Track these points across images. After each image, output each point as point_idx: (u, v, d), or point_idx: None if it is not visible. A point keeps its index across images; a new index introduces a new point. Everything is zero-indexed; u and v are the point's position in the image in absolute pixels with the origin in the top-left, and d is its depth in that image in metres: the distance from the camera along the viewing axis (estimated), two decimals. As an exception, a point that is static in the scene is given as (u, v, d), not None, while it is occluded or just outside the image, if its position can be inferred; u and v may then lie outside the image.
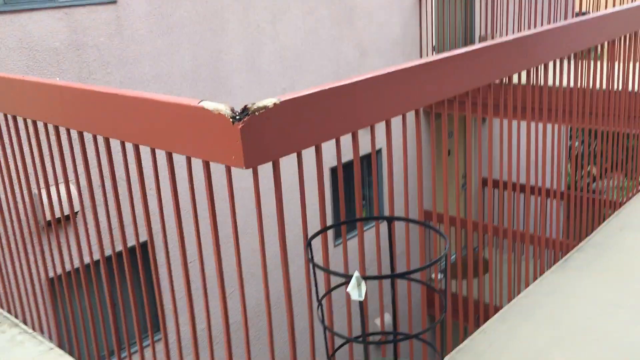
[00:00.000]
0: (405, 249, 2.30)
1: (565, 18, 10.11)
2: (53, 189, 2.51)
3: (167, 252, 2.01)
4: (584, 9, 9.86)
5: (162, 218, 1.94)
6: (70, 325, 2.77)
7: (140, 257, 2.12)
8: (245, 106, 1.57)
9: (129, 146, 1.92)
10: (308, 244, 1.79)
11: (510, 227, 3.27)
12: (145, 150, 1.87)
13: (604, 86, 3.58)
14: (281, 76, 6.45)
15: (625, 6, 3.45)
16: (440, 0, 8.33)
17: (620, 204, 3.94)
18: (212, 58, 5.80)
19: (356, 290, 1.55)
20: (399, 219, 1.89)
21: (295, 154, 1.72)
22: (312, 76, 6.75)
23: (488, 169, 2.86)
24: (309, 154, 1.88)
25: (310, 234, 1.84)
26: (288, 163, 1.84)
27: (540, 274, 3.15)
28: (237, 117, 1.55)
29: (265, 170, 1.65)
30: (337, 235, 7.15)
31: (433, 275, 8.69)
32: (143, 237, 2.06)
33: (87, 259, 2.39)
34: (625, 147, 3.95)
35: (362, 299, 1.54)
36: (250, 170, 1.61)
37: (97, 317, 2.46)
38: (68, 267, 2.61)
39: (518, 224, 3.56)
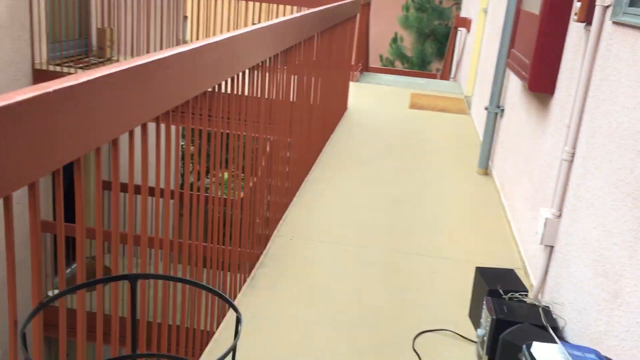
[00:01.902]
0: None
1: (177, 20, 10.19)
2: None
3: None
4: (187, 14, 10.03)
5: None
6: None
7: None
8: None
9: None
10: (22, 335, 1.13)
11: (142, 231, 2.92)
12: None
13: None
14: None
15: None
16: (51, -18, 7.33)
17: (225, 200, 3.78)
18: None
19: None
20: (146, 276, 1.37)
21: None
22: None
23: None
24: None
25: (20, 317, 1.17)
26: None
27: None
28: None
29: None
30: None
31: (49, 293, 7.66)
32: None
33: None
34: (228, 147, 3.98)
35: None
36: None
37: None
38: None
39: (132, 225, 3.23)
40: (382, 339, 2.69)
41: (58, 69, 6.79)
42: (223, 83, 2.31)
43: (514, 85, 4.45)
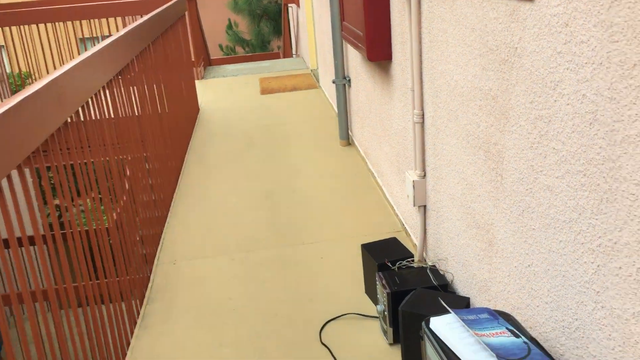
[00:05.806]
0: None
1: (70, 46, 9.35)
2: None
3: None
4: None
5: None
6: None
7: None
8: None
9: None
10: None
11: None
12: None
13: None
14: None
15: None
16: None
17: (95, 230, 3.67)
18: None
19: None
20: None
21: None
22: None
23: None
24: None
25: None
26: None
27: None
28: None
29: None
30: None
31: None
32: None
33: None
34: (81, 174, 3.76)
35: None
36: None
37: None
38: None
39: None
40: (290, 341, 2.66)
41: None
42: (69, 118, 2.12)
43: (354, 55, 4.54)
